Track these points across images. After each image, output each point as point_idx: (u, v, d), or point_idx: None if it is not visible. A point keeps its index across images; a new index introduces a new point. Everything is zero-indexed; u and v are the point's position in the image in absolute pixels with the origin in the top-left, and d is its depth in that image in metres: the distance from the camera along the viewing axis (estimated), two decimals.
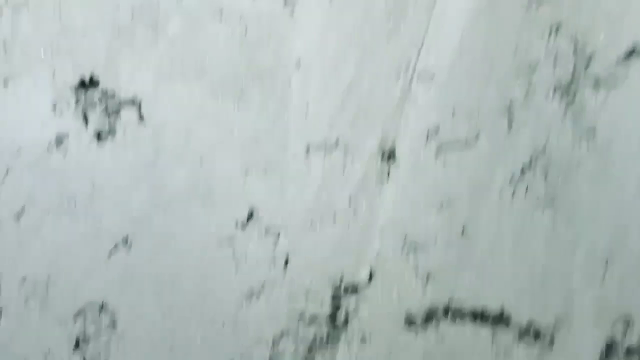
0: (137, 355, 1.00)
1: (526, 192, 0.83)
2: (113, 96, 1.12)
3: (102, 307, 1.04)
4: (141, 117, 1.10)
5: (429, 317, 0.86)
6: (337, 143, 0.94)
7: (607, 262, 0.78)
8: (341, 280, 0.92)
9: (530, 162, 0.83)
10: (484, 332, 0.83)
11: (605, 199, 0.79)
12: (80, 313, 1.05)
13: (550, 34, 0.81)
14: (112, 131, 1.09)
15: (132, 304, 1.03)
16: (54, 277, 1.08)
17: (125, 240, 1.05)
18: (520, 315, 0.82)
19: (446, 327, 0.85)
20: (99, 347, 1.02)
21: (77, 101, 1.16)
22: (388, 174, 0.90)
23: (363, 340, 0.89)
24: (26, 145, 1.16)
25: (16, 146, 1.17)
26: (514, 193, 0.83)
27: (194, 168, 1.03)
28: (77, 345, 1.04)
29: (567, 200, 0.81)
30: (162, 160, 1.05)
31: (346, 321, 0.91)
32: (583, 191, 0.80)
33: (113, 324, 1.03)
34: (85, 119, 1.14)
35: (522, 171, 0.83)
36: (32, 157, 1.15)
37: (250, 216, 0.98)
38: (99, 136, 1.10)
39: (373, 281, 0.90)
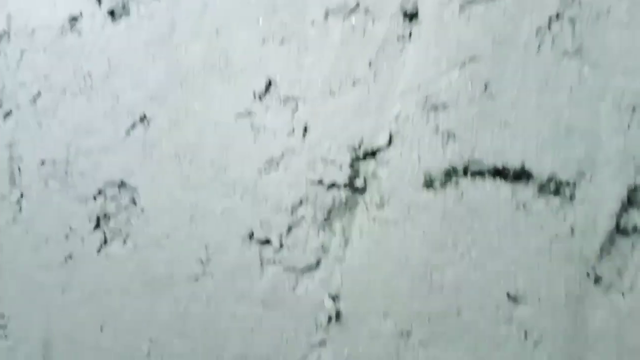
0: (157, 229, 1.04)
1: (552, 44, 0.82)
2: None
3: (121, 185, 1.07)
4: None
5: (449, 176, 0.88)
6: (357, 5, 0.93)
7: (633, 109, 0.78)
8: (360, 146, 0.93)
9: (558, 12, 0.82)
10: (504, 188, 0.85)
11: (634, 46, 0.79)
12: (100, 192, 1.08)
13: None
14: (125, 9, 1.09)
15: (152, 180, 1.05)
16: (73, 158, 1.11)
17: (143, 118, 1.07)
18: (542, 170, 0.83)
19: (466, 185, 0.87)
20: (120, 223, 1.06)
21: None
22: (410, 34, 0.90)
23: (381, 203, 0.92)
24: (39, 27, 1.18)
25: (29, 28, 1.18)
26: (539, 46, 0.83)
27: (210, 41, 1.04)
28: (97, 223, 1.08)
29: (595, 49, 0.81)
30: (177, 34, 1.06)
31: (364, 186, 0.93)
32: (612, 39, 0.80)
33: (133, 201, 1.06)
34: None
35: (549, 22, 0.83)
36: (46, 38, 1.17)
37: (268, 87, 0.99)
38: (112, 14, 1.11)
39: (392, 144, 0.91)
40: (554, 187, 0.83)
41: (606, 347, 0.80)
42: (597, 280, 0.81)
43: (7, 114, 1.22)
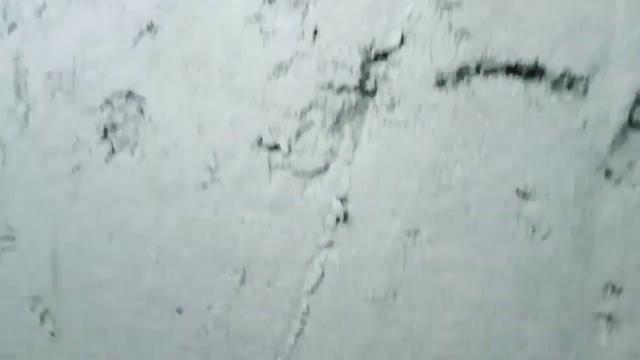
0: (165, 138, 1.05)
1: None
2: None
3: (129, 95, 1.08)
4: None
5: (461, 74, 0.88)
6: None
7: None
8: (371, 47, 0.93)
9: None
10: (517, 85, 0.85)
11: None
12: (107, 102, 1.09)
13: None
14: None
15: (160, 88, 1.06)
16: (80, 69, 1.11)
17: (150, 26, 1.07)
18: (555, 66, 0.84)
19: (478, 83, 0.87)
20: (127, 133, 1.07)
21: None
22: None
23: (392, 104, 0.93)
24: None
25: None
26: None
27: None
28: (105, 133, 1.09)
29: None
30: None
31: (375, 88, 0.93)
32: None
33: (141, 110, 1.07)
34: None
35: None
36: None
37: None
38: None
39: (404, 45, 0.92)
40: (567, 82, 0.84)
41: (613, 239, 0.82)
42: (608, 173, 0.82)
43: (12, 27, 1.23)
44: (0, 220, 1.24)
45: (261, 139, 1.02)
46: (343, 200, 0.96)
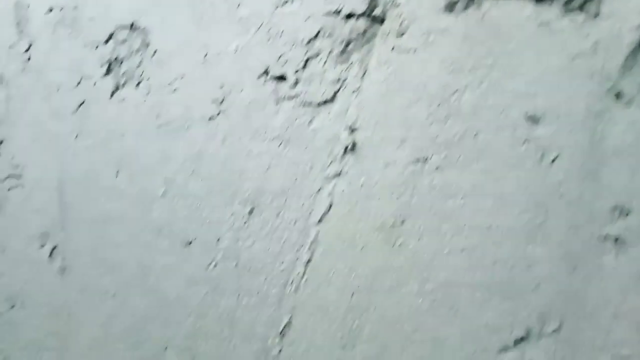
0: (170, 71, 1.08)
1: None
2: None
3: (132, 27, 1.10)
4: None
5: None
6: None
7: None
8: None
9: None
10: (528, 7, 0.87)
11: None
12: (111, 36, 1.11)
13: None
14: None
15: (164, 20, 1.08)
16: (82, 2, 1.13)
17: None
18: None
19: (488, 6, 0.89)
20: (132, 67, 1.09)
21: None
22: None
23: (401, 31, 0.94)
24: None
25: None
26: None
27: None
28: (109, 68, 1.11)
29: None
30: None
31: (384, 15, 0.95)
32: None
33: (145, 43, 1.09)
34: None
35: None
36: None
37: None
38: None
39: None
40: (579, 4, 0.85)
41: (622, 161, 0.85)
42: (618, 95, 0.84)
43: None
44: (6, 158, 1.28)
45: (268, 70, 1.04)
46: (351, 129, 0.99)
